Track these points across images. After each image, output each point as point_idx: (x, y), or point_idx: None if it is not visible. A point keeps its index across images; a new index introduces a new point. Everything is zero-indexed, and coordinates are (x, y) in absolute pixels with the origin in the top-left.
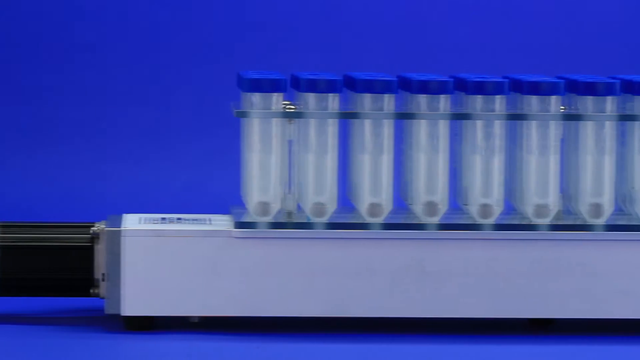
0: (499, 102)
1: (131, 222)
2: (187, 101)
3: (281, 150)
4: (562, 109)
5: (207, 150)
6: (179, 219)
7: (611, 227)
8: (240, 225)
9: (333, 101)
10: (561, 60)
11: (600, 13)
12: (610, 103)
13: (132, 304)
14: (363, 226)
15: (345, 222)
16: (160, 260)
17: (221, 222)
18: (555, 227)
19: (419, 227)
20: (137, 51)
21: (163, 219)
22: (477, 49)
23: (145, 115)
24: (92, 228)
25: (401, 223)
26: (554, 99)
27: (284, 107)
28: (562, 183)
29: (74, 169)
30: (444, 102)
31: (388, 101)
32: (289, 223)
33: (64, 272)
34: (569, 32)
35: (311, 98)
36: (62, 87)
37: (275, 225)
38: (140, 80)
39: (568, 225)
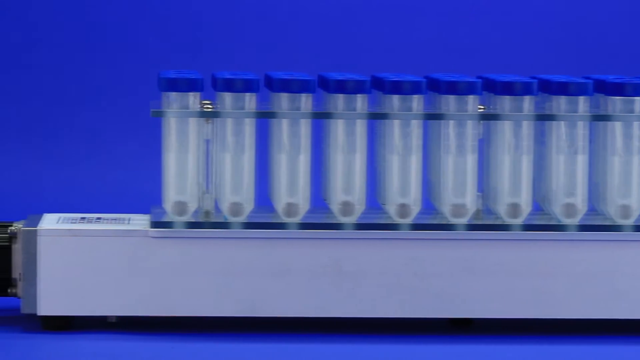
0: (416, 102)
1: (48, 221)
2: (117, 101)
3: (198, 150)
4: (481, 108)
5: (138, 149)
6: (98, 218)
7: (529, 227)
8: (156, 225)
9: (250, 101)
10: (486, 60)
11: (526, 13)
12: (528, 103)
13: (49, 304)
14: (280, 226)
15: (262, 221)
16: (77, 259)
17: (139, 222)
18: (473, 227)
19: (336, 226)
20: (62, 51)
21: (83, 218)
22: (400, 48)
23: (81, 116)
24: (10, 227)
25: (318, 223)
26: (471, 98)
27: (203, 107)
28: (481, 183)
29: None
30: (361, 101)
31: (305, 100)
32: (205, 223)
33: None
34: (493, 32)
35: (228, 98)
36: None
37: (192, 224)
38: (64, 80)
39: (486, 225)
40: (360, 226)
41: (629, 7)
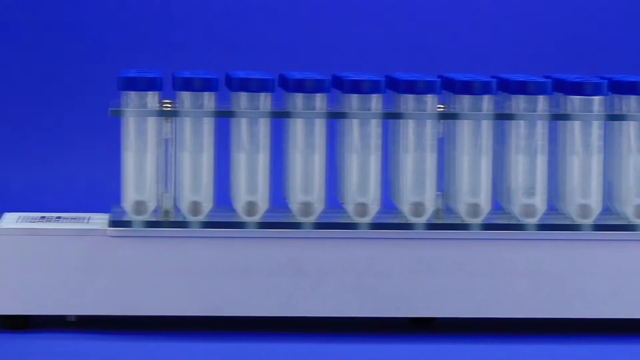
0: (375, 101)
1: (7, 220)
2: (81, 100)
3: (157, 149)
4: (441, 107)
5: (103, 147)
6: (58, 217)
7: (488, 226)
8: (115, 224)
9: (209, 100)
10: (447, 59)
11: (487, 13)
12: (486, 102)
13: (7, 303)
14: (239, 225)
15: (221, 220)
16: (35, 259)
17: (99, 221)
18: (432, 226)
19: (295, 226)
20: (25, 50)
21: (43, 217)
22: (361, 47)
23: (45, 115)
24: None
25: (277, 222)
26: (430, 97)
27: (162, 106)
28: (441, 182)
29: None
30: (320, 100)
31: (264, 100)
32: (164, 222)
33: None
34: (454, 31)
35: (186, 97)
36: None
37: (151, 224)
38: (25, 80)
39: (445, 224)
40: (319, 225)
41: (590, 7)
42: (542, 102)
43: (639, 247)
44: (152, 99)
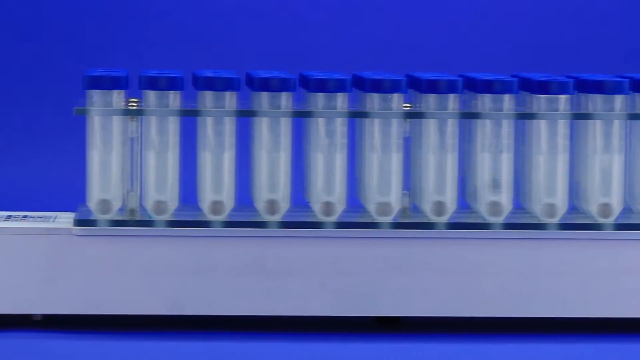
0: (341, 100)
1: None
2: (50, 99)
3: (123, 148)
4: (407, 106)
5: (74, 146)
6: (25, 216)
7: (454, 225)
8: (80, 222)
9: (174, 99)
10: (415, 58)
11: (454, 11)
12: (452, 101)
13: None
14: (205, 224)
15: (187, 219)
16: (1, 257)
17: (65, 220)
18: (397, 225)
19: (261, 225)
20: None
21: (9, 216)
22: (325, 46)
23: (13, 114)
24: None
25: (243, 221)
26: (396, 96)
27: (128, 105)
28: (408, 181)
29: None
30: (285, 99)
31: (230, 99)
32: (130, 221)
33: None
34: (422, 30)
35: (152, 95)
36: None
37: (116, 223)
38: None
39: (410, 223)
40: (285, 224)
41: (558, 6)
42: (508, 101)
43: (604, 246)
44: (117, 97)
